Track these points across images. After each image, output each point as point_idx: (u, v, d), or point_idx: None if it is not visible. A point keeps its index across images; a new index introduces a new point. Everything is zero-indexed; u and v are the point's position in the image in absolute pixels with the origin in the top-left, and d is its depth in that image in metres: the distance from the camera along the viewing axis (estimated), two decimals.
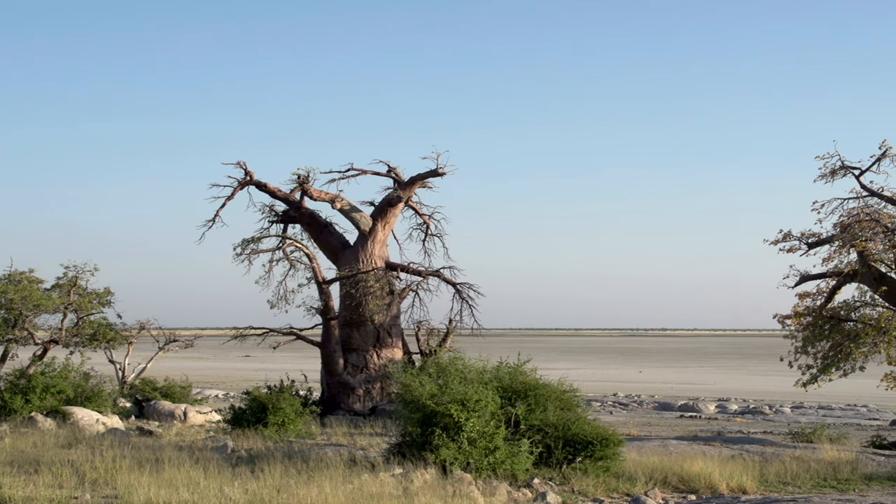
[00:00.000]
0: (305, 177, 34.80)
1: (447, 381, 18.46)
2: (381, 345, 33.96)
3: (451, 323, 34.33)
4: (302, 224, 35.57)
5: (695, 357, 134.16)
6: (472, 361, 20.01)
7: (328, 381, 33.62)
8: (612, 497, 17.24)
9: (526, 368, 20.13)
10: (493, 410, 18.08)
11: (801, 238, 30.04)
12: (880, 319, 27.36)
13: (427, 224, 36.51)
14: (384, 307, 33.91)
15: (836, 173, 30.82)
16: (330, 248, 35.39)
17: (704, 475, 18.41)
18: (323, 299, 33.82)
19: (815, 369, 28.27)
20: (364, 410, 32.84)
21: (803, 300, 29.38)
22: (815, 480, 19.18)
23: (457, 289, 34.52)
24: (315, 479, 15.73)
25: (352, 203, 35.47)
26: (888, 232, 27.72)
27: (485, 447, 17.55)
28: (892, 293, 28.39)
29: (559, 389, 19.72)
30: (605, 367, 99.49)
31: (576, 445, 18.54)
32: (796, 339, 29.34)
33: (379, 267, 34.41)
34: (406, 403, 18.44)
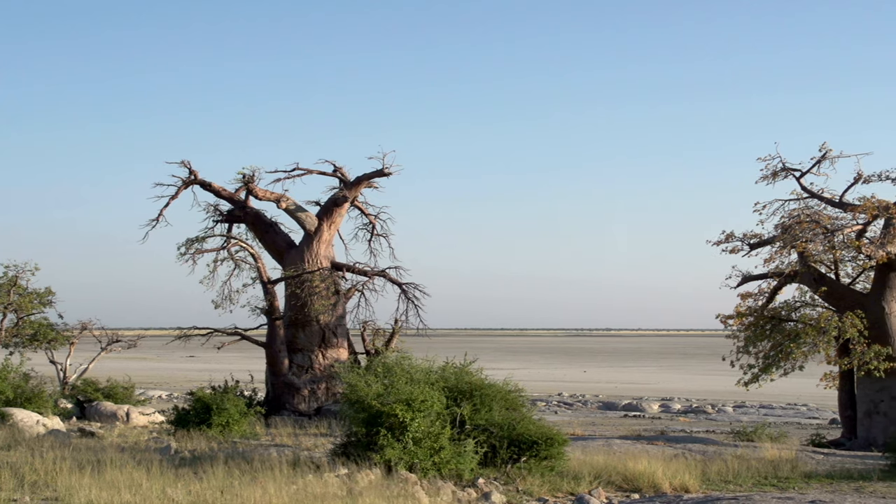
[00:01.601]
0: (250, 176, 34.62)
1: (393, 382, 18.45)
2: (326, 345, 33.87)
3: (396, 323, 34.34)
4: (247, 224, 35.36)
5: (639, 357, 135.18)
6: (418, 362, 20.01)
7: (273, 382, 33.46)
8: (557, 496, 17.33)
9: (472, 368, 20.15)
10: (439, 410, 18.09)
11: (743, 239, 30.41)
12: (820, 319, 27.75)
13: (373, 224, 36.48)
14: (330, 307, 33.81)
15: (777, 175, 31.28)
16: (275, 248, 35.22)
17: (648, 474, 18.55)
18: (268, 299, 33.65)
19: (757, 369, 28.59)
20: (309, 411, 32.73)
21: (745, 300, 29.72)
22: (755, 479, 19.42)
23: (402, 289, 34.54)
24: (259, 479, 15.64)
25: (297, 203, 35.36)
26: (828, 233, 28.14)
27: (430, 447, 17.55)
28: (832, 293, 28.82)
29: (504, 389, 19.76)
30: (550, 367, 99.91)
31: (521, 445, 18.59)
32: (738, 339, 29.68)
33: (324, 267, 34.31)
34: (351, 403, 18.40)
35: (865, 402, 27.83)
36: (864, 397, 27.91)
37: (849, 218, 28.90)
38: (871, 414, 27.54)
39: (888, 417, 27.07)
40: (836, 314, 27.75)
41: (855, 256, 29.91)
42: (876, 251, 27.36)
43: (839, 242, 28.49)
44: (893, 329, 27.55)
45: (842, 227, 28.45)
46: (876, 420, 27.37)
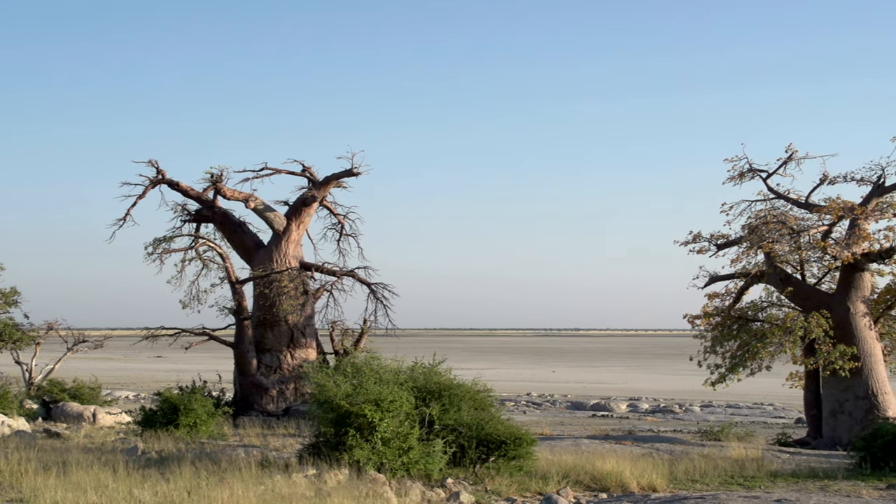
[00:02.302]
0: (219, 176, 34.48)
1: (362, 382, 18.43)
2: (294, 345, 33.77)
3: (365, 323, 34.30)
4: (215, 223, 35.20)
5: (607, 357, 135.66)
6: (387, 362, 20.00)
7: (241, 382, 33.34)
8: (525, 496, 17.36)
9: (440, 369, 20.15)
10: (408, 411, 18.08)
11: (710, 239, 30.60)
12: (786, 319, 27.96)
13: (342, 224, 36.42)
14: (298, 307, 33.72)
15: (744, 176, 31.49)
16: (243, 248, 35.09)
17: (616, 473, 18.60)
18: (236, 299, 33.53)
19: (724, 368, 28.75)
20: (277, 411, 32.63)
21: (712, 300, 29.91)
22: (722, 478, 19.51)
23: (371, 289, 34.50)
24: (226, 480, 15.58)
25: (266, 202, 35.24)
26: (794, 234, 28.35)
27: (399, 447, 17.54)
28: (798, 294, 29.04)
29: (473, 389, 19.77)
30: (519, 367, 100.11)
31: (489, 445, 18.61)
32: (705, 338, 29.84)
33: (293, 267, 34.22)
34: (320, 404, 18.36)
35: (831, 401, 28.05)
36: (830, 397, 28.13)
37: (814, 219, 29.13)
38: (837, 413, 27.76)
39: (853, 417, 27.30)
40: (802, 314, 27.96)
41: (821, 257, 30.15)
42: (841, 252, 27.59)
43: (805, 243, 28.72)
44: (858, 329, 27.78)
45: (808, 227, 28.68)
46: (841, 419, 27.59)
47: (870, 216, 28.86)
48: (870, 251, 28.18)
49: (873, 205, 29.19)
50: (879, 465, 20.42)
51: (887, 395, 27.49)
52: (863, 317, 28.01)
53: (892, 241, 28.32)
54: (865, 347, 27.58)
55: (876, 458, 20.61)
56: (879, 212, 29.12)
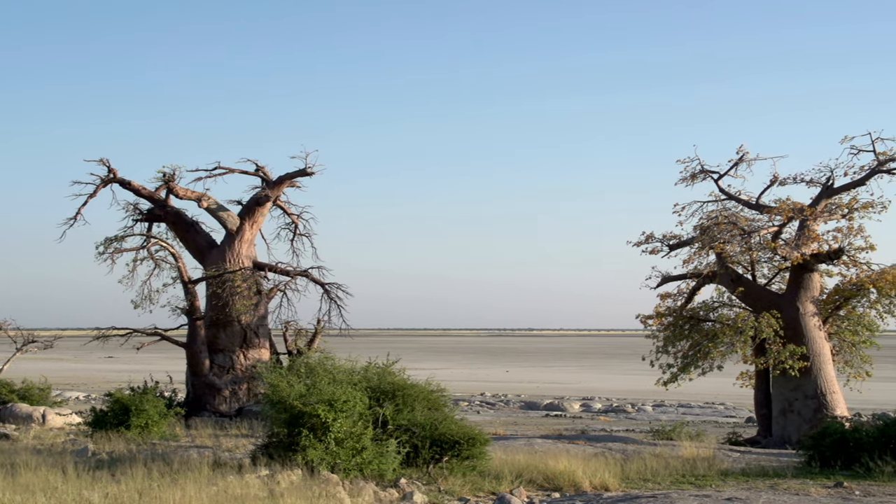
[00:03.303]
0: (171, 175, 34.21)
1: (315, 382, 18.38)
2: (248, 345, 33.59)
3: (319, 323, 34.17)
4: (167, 223, 34.92)
5: (561, 357, 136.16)
6: (341, 362, 19.96)
7: (194, 382, 33.10)
8: (478, 496, 17.39)
9: (394, 369, 20.16)
10: (361, 411, 18.06)
11: (662, 240, 30.82)
12: (737, 319, 28.20)
13: (295, 223, 36.27)
14: (251, 307, 33.54)
15: (696, 177, 31.77)
16: (196, 248, 34.84)
17: (568, 473, 18.70)
18: (189, 299, 33.29)
19: (676, 368, 28.96)
20: (230, 412, 32.44)
21: (665, 301, 30.10)
22: (674, 477, 19.66)
23: (325, 289, 34.38)
24: (178, 481, 15.48)
25: (219, 202, 35.01)
26: (745, 234, 28.63)
27: (352, 447, 17.52)
28: (749, 294, 29.32)
29: (427, 389, 19.79)
30: (473, 367, 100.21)
31: (443, 445, 18.63)
32: (658, 338, 30.02)
33: (246, 267, 34.03)
34: (273, 404, 18.29)
35: (780, 400, 28.34)
36: (779, 396, 28.42)
37: (765, 219, 29.44)
38: (786, 412, 28.05)
39: (802, 416, 27.59)
40: (753, 314, 28.21)
41: (771, 258, 30.43)
42: (791, 252, 27.90)
43: (756, 244, 29.00)
44: (807, 329, 28.08)
45: (758, 228, 28.97)
46: (790, 418, 27.88)
47: (819, 217, 29.22)
48: (819, 252, 28.52)
49: (822, 206, 29.56)
50: (828, 463, 20.69)
51: (835, 395, 27.82)
52: (812, 317, 28.33)
53: (840, 242, 28.70)
54: (814, 347, 27.89)
55: (824, 457, 20.88)
56: (828, 213, 29.50)
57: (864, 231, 28.99)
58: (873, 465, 19.50)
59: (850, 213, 29.42)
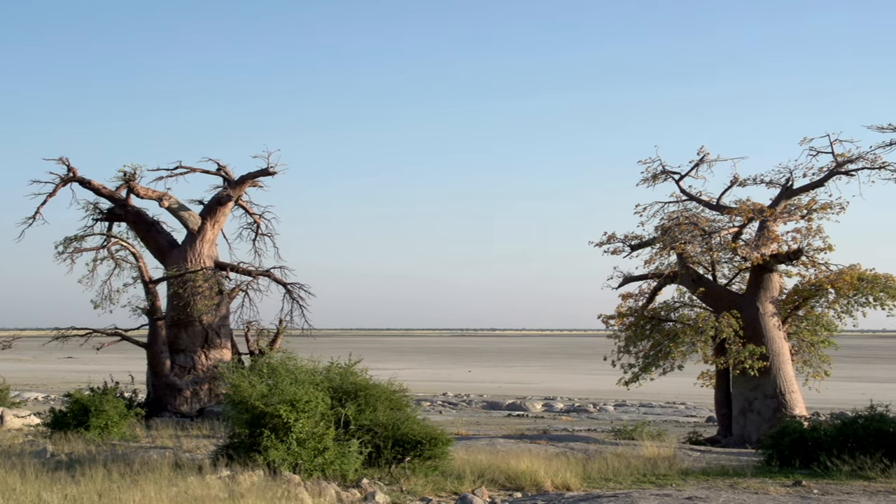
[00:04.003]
0: (132, 174, 33.99)
1: (277, 382, 18.32)
2: (209, 345, 33.44)
3: (281, 323, 34.06)
4: (128, 222, 34.69)
5: (523, 357, 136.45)
6: (303, 362, 19.90)
7: (154, 383, 32.91)
8: (440, 496, 17.40)
9: (356, 369, 20.13)
10: (323, 411, 18.02)
11: (624, 240, 30.96)
12: (697, 320, 28.39)
13: (257, 223, 36.14)
14: (213, 307, 33.39)
15: (657, 177, 31.99)
16: (157, 247, 34.62)
17: (530, 473, 18.74)
18: (149, 299, 33.09)
19: (637, 368, 29.08)
20: (191, 412, 32.27)
21: (626, 301, 30.21)
22: (635, 476, 19.76)
23: (287, 289, 34.29)
24: (139, 482, 15.38)
25: (180, 201, 34.81)
26: (705, 235, 28.81)
27: (314, 448, 17.48)
28: (709, 294, 29.52)
29: (389, 390, 19.77)
30: (435, 367, 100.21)
31: (405, 445, 18.62)
32: (619, 338, 30.14)
33: (208, 266, 33.87)
34: (235, 404, 18.21)
35: (740, 400, 28.55)
36: (739, 396, 28.62)
37: (725, 220, 29.64)
38: (746, 412, 28.26)
39: (761, 415, 27.81)
40: (713, 314, 28.40)
41: (731, 258, 30.63)
42: (751, 253, 28.11)
43: (716, 244, 29.19)
44: (767, 329, 28.31)
45: (719, 229, 29.16)
46: (750, 418, 28.09)
47: (778, 218, 29.47)
48: (778, 252, 28.75)
49: (782, 207, 29.81)
50: (787, 462, 20.87)
51: (794, 394, 28.06)
52: (771, 317, 28.57)
53: (799, 242, 28.96)
54: (774, 347, 28.13)
55: (784, 456, 21.07)
56: (787, 214, 29.75)
57: (822, 232, 29.28)
58: (831, 464, 19.68)
59: (809, 214, 29.68)
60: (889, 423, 20.79)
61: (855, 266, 29.00)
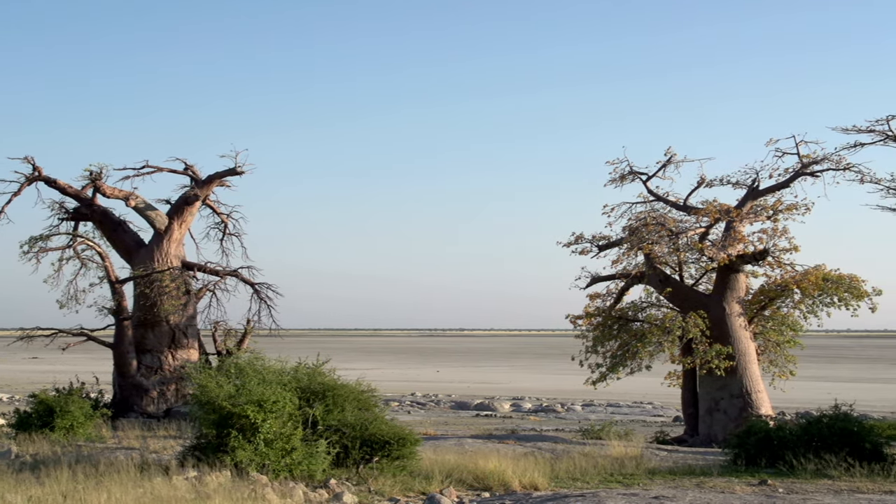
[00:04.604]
0: (98, 173, 33.78)
1: (245, 382, 18.25)
2: (176, 345, 33.27)
3: (248, 323, 33.94)
4: (94, 222, 34.45)
5: (491, 357, 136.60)
6: (270, 362, 19.84)
7: (120, 383, 32.70)
8: (408, 496, 17.39)
9: (324, 369, 20.09)
10: (291, 411, 17.98)
11: (592, 241, 31.02)
12: (665, 319, 28.50)
13: (225, 223, 35.99)
14: (180, 307, 33.23)
15: (625, 178, 32.10)
16: (123, 247, 34.40)
17: (498, 473, 18.75)
18: (116, 299, 32.89)
19: (605, 368, 29.15)
20: (158, 413, 32.10)
21: (594, 301, 30.28)
22: (602, 476, 19.82)
23: (255, 289, 34.18)
24: (104, 483, 15.28)
25: (147, 201, 34.61)
26: (672, 235, 28.94)
27: (282, 448, 17.43)
28: (676, 294, 29.66)
29: (357, 390, 19.75)
30: (404, 367, 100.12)
31: (373, 445, 18.60)
32: (587, 338, 30.18)
33: (175, 266, 33.70)
34: (202, 405, 18.13)
35: (707, 399, 28.69)
36: (706, 395, 28.76)
37: (692, 221, 29.78)
38: (712, 411, 28.41)
39: (728, 415, 27.96)
40: (680, 314, 28.53)
41: (698, 258, 30.77)
42: (718, 253, 28.26)
43: (683, 244, 29.34)
44: (733, 329, 28.47)
45: (686, 229, 29.30)
46: (717, 417, 28.24)
47: (745, 219, 29.65)
48: (744, 253, 28.92)
49: (748, 208, 29.99)
50: (753, 461, 21.01)
51: (760, 394, 28.24)
52: (738, 317, 28.73)
53: (765, 243, 29.15)
54: (740, 347, 28.29)
55: (750, 455, 21.20)
56: (754, 214, 29.94)
57: (788, 232, 29.48)
58: (797, 463, 19.83)
59: (775, 215, 29.88)
60: (853, 423, 20.99)
61: (820, 266, 29.21)
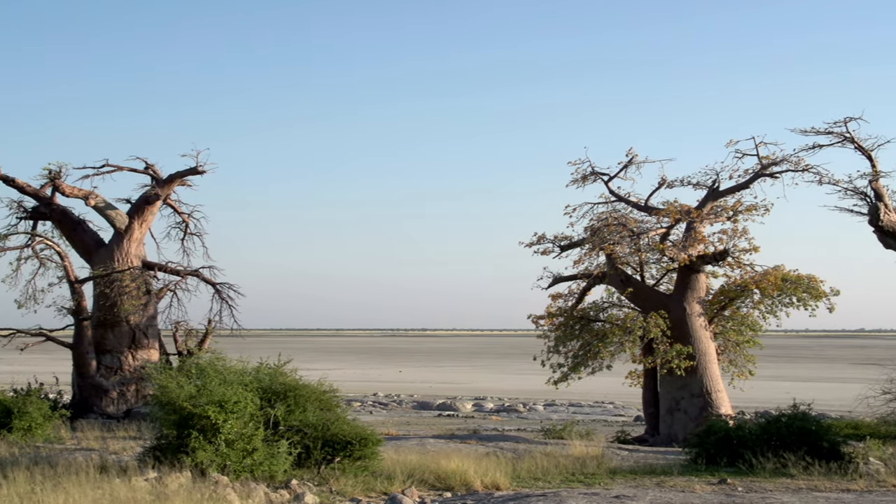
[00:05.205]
0: (57, 172, 33.48)
1: (206, 383, 18.15)
2: (136, 346, 33.04)
3: (210, 323, 33.76)
4: (53, 221, 34.14)
5: (453, 357, 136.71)
6: (232, 363, 19.74)
7: (80, 384, 32.44)
8: (370, 496, 17.37)
9: (286, 369, 20.01)
10: (252, 412, 17.89)
11: (554, 241, 31.15)
12: (626, 319, 28.67)
13: (186, 223, 35.77)
14: (140, 307, 33.00)
15: (587, 179, 32.26)
16: (83, 247, 34.12)
17: (460, 472, 18.76)
18: (75, 299, 32.61)
19: (566, 368, 29.29)
20: (118, 413, 31.86)
21: (556, 301, 30.42)
22: (564, 475, 19.88)
23: (216, 289, 34.01)
24: (62, 485, 15.14)
25: (107, 200, 34.33)
26: (633, 236, 29.11)
27: (243, 449, 17.34)
28: (637, 294, 29.83)
29: (319, 390, 19.68)
30: (366, 368, 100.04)
31: (335, 445, 18.55)
32: (549, 338, 30.31)
33: (135, 266, 33.46)
34: (162, 405, 18.00)
35: (667, 399, 28.88)
36: (667, 395, 28.96)
37: (653, 221, 29.98)
38: (673, 411, 28.60)
39: (688, 414, 28.16)
40: (642, 314, 28.71)
41: (659, 259, 30.99)
42: (678, 254, 28.46)
43: (644, 245, 29.52)
44: (694, 329, 28.68)
45: (647, 230, 29.49)
46: (677, 417, 28.43)
47: (705, 219, 29.87)
48: (705, 253, 29.15)
49: (708, 208, 30.22)
50: (713, 460, 21.15)
51: (720, 393, 28.46)
52: (698, 317, 28.94)
53: (725, 243, 29.39)
54: (700, 347, 28.50)
55: (710, 454, 21.34)
56: (714, 215, 30.18)
57: (747, 233, 29.75)
58: (756, 461, 19.99)
59: (735, 216, 30.13)
60: (811, 422, 21.18)
61: (779, 267, 29.48)
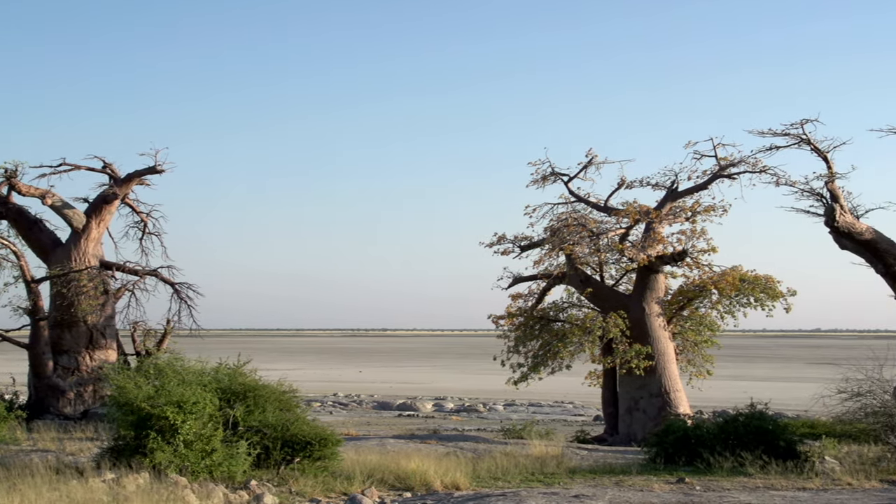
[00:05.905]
0: (13, 171, 33.11)
1: (164, 383, 18.04)
2: (94, 346, 32.76)
3: (168, 323, 33.54)
4: (9, 220, 33.77)
5: (414, 357, 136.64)
6: (191, 363, 19.64)
7: (36, 385, 32.13)
8: (330, 497, 17.34)
9: (245, 369, 19.94)
10: (211, 412, 17.81)
11: (514, 241, 31.21)
12: (585, 320, 28.80)
13: (144, 222, 35.49)
14: (98, 307, 32.72)
15: (546, 179, 32.33)
16: (40, 246, 33.78)
17: (420, 473, 18.76)
18: (31, 299, 32.28)
19: (526, 368, 29.37)
20: (75, 414, 31.58)
21: (516, 301, 30.49)
22: (523, 475, 19.92)
23: (175, 288, 33.79)
24: (18, 487, 14.99)
25: (64, 199, 34.00)
26: (593, 236, 29.25)
27: (201, 449, 17.26)
28: (597, 295, 29.97)
29: (278, 390, 19.63)
30: (326, 368, 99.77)
31: (294, 446, 18.51)
32: (509, 338, 30.38)
33: (93, 266, 33.18)
34: (120, 406, 17.89)
35: (627, 399, 29.03)
36: (626, 395, 29.11)
37: (613, 222, 30.13)
38: (632, 410, 28.75)
39: (647, 414, 28.33)
40: (601, 314, 28.83)
41: (618, 259, 31.13)
42: (638, 254, 28.61)
43: (604, 245, 29.67)
44: (653, 329, 28.85)
45: (606, 230, 29.63)
46: (636, 416, 28.58)
47: (664, 220, 30.04)
48: (664, 254, 29.32)
49: (667, 209, 30.40)
50: (672, 459, 21.29)
51: (679, 393, 28.65)
52: (657, 317, 29.12)
53: (684, 244, 29.58)
54: (659, 347, 28.67)
55: (668, 454, 21.48)
56: (673, 216, 30.36)
57: (706, 234, 29.95)
58: (714, 460, 20.14)
59: (693, 217, 30.32)
60: (768, 421, 21.38)
61: (737, 267, 29.71)
